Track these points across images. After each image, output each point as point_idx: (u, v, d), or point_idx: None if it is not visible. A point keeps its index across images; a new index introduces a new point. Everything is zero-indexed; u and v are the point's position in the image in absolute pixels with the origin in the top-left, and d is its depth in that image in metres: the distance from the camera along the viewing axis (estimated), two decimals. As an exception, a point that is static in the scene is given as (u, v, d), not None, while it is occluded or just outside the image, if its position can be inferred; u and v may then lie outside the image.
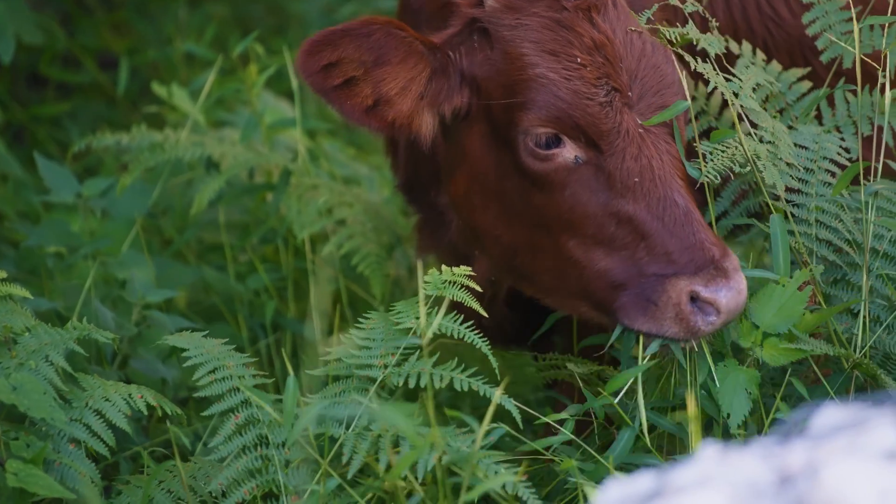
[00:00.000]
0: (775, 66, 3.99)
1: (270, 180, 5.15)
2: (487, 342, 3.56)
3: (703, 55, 3.72)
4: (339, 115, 3.70)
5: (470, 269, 3.61)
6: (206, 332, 3.71)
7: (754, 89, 3.84)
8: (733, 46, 3.94)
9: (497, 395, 3.37)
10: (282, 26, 7.54)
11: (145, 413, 3.62)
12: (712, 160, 3.64)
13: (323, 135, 6.02)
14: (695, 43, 3.72)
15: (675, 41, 3.68)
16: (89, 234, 4.79)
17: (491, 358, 3.53)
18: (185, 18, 7.27)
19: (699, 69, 3.67)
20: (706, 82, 3.77)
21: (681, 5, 3.73)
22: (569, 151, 3.60)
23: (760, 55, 3.99)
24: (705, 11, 3.77)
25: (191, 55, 6.76)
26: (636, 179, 3.57)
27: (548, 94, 3.59)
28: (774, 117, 3.89)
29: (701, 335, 3.53)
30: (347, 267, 5.07)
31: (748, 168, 3.70)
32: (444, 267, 3.60)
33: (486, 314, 3.65)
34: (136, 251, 4.85)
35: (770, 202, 3.77)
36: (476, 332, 3.57)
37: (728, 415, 3.53)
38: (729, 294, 3.49)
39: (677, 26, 3.72)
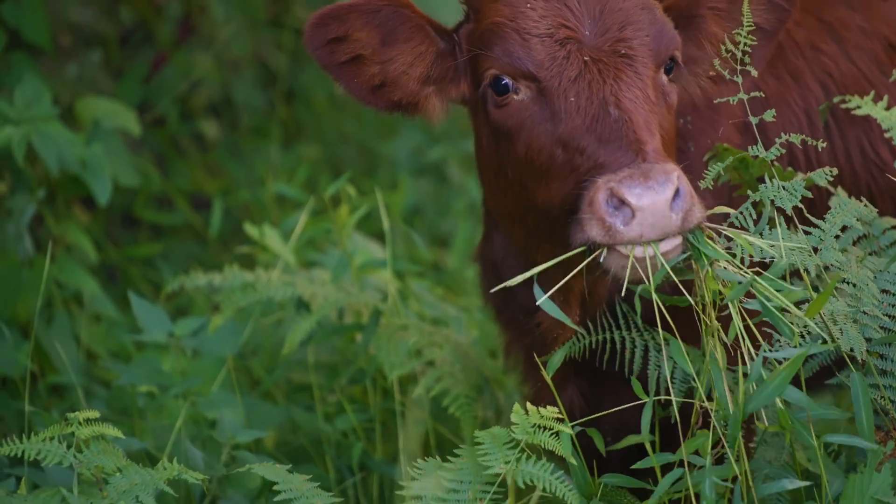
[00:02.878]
0: (870, 209, 3.89)
1: (360, 320, 5.16)
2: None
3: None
4: (346, 92, 3.76)
5: (557, 410, 3.55)
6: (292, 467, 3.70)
7: (838, 237, 3.75)
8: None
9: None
10: (372, 168, 7.64)
11: (233, 556, 3.60)
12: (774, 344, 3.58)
13: (412, 276, 6.05)
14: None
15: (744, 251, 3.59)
16: (180, 374, 4.82)
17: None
18: (276, 160, 7.40)
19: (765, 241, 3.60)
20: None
21: (781, 151, 3.69)
22: (515, 90, 3.64)
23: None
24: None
25: (282, 196, 6.86)
26: (572, 99, 3.57)
27: (494, 36, 3.66)
28: (861, 261, 3.79)
29: (622, 240, 3.40)
30: (435, 408, 5.04)
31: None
32: (530, 407, 3.54)
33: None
34: (225, 391, 4.86)
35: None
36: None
37: None
38: (643, 193, 3.37)
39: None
